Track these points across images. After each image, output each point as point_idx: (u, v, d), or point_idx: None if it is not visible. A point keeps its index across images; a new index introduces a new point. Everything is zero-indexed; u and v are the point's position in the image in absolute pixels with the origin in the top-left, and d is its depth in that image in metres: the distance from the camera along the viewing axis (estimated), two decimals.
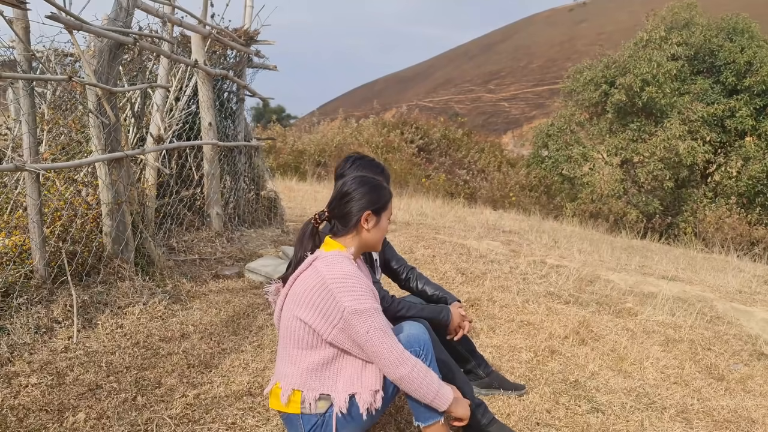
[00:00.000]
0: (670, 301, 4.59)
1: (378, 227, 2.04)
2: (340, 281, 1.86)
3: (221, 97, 5.81)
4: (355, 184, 2.03)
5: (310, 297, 1.88)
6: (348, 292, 1.85)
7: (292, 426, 1.96)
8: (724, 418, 2.78)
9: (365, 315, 1.84)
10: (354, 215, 2.00)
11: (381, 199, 2.04)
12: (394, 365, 1.83)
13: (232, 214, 5.64)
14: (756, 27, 15.07)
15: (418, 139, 19.52)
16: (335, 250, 1.99)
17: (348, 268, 1.91)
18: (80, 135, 4.20)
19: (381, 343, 1.83)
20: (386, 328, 1.86)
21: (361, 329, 1.83)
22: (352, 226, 2.01)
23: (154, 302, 3.40)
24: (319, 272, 1.89)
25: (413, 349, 1.95)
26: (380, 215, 2.04)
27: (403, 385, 1.86)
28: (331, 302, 1.85)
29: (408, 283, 2.77)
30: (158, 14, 4.21)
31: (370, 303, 1.86)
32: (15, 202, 3.67)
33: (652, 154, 14.29)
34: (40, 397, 2.33)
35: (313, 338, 1.89)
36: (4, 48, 3.62)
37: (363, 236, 2.03)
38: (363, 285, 1.89)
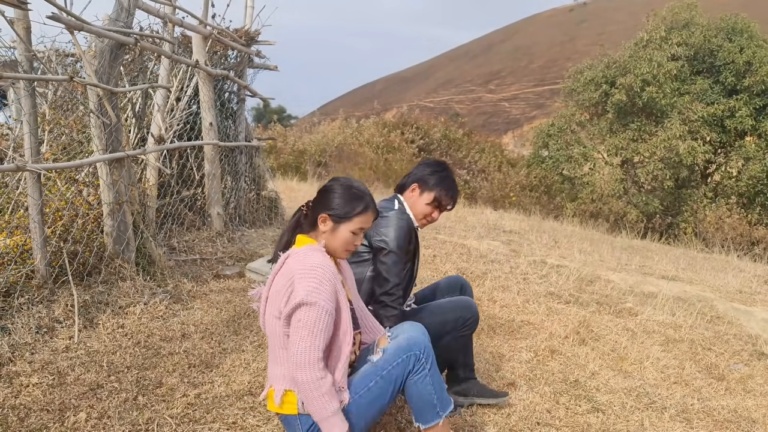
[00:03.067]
0: (671, 301, 4.60)
1: (334, 235, 1.98)
2: (304, 271, 1.84)
3: (222, 98, 5.81)
4: (337, 185, 2.03)
5: (282, 293, 1.87)
6: (306, 281, 1.82)
7: (290, 427, 1.96)
8: (724, 417, 2.78)
9: (308, 308, 1.79)
10: (316, 212, 2.01)
11: (345, 208, 1.98)
12: (299, 367, 1.78)
13: (232, 214, 5.65)
14: (755, 27, 15.07)
15: (418, 139, 19.52)
16: (307, 245, 1.98)
17: (318, 259, 1.88)
18: (81, 135, 4.21)
19: (302, 339, 1.78)
20: (318, 331, 1.80)
21: (298, 317, 1.80)
22: (312, 222, 2.02)
23: (155, 302, 3.40)
24: (291, 268, 1.88)
25: (413, 353, 1.93)
26: (339, 223, 1.98)
27: (299, 391, 1.82)
28: (292, 293, 1.83)
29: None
30: (159, 15, 4.22)
31: (318, 298, 1.80)
32: (16, 202, 3.67)
33: (652, 154, 14.29)
34: (42, 397, 2.33)
35: (284, 337, 1.89)
36: (6, 48, 3.63)
37: (324, 237, 2.00)
38: (325, 279, 1.84)
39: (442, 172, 2.60)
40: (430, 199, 2.56)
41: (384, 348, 1.99)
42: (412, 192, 2.59)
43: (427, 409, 1.97)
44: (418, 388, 1.95)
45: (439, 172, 2.59)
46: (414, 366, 1.94)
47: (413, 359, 1.94)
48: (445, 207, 2.60)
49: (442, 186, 2.57)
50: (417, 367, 1.94)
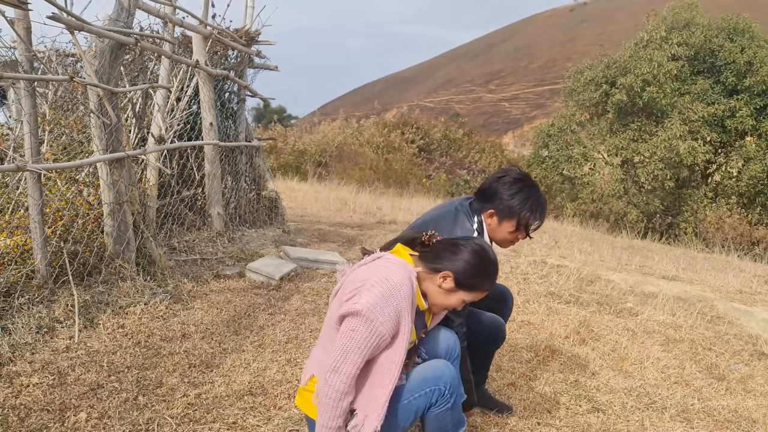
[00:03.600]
0: (671, 301, 4.60)
1: (447, 295, 1.89)
2: (379, 282, 1.76)
3: (222, 98, 5.81)
4: (470, 248, 1.89)
5: (351, 288, 1.80)
6: (374, 292, 1.73)
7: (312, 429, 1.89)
8: (724, 417, 2.78)
9: (363, 322, 1.72)
10: (442, 265, 1.88)
11: (474, 281, 1.88)
12: (332, 370, 1.73)
13: (233, 214, 5.65)
14: (756, 27, 15.06)
15: (418, 139, 19.55)
16: (403, 260, 1.87)
17: (399, 278, 1.78)
18: (82, 135, 4.21)
19: (344, 349, 1.72)
20: (362, 349, 1.73)
21: (351, 324, 1.73)
22: (432, 268, 1.89)
23: (155, 302, 3.40)
24: (373, 268, 1.82)
25: (438, 387, 1.86)
26: (459, 290, 1.88)
27: (320, 388, 1.78)
28: (359, 291, 1.76)
29: None
30: (159, 15, 4.22)
31: (377, 316, 1.72)
32: (17, 202, 3.67)
33: (652, 154, 14.29)
34: (42, 397, 2.33)
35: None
36: (6, 48, 3.63)
37: (430, 285, 1.90)
38: (393, 300, 1.74)
39: (522, 192, 2.26)
40: (512, 227, 2.28)
41: (409, 374, 1.93)
42: (490, 219, 2.31)
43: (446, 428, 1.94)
44: (438, 421, 1.92)
45: (519, 193, 2.26)
46: (437, 400, 1.88)
47: (437, 394, 1.87)
48: (535, 228, 2.31)
49: (523, 210, 2.25)
50: (440, 402, 1.88)
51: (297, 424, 2.31)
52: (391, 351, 1.79)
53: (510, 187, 2.27)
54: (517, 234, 2.30)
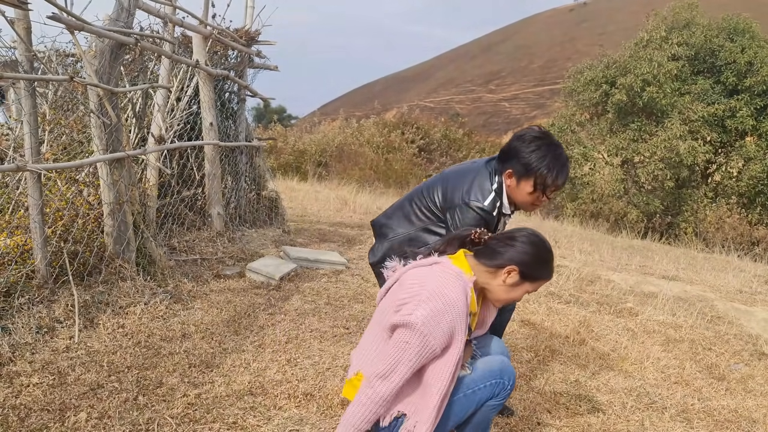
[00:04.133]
0: (671, 301, 4.60)
1: (512, 289, 1.89)
2: (435, 296, 1.74)
3: (222, 98, 5.81)
4: (526, 239, 1.89)
5: (404, 291, 1.79)
6: (430, 305, 1.72)
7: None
8: (724, 417, 2.78)
9: (416, 336, 1.70)
10: (502, 259, 1.87)
11: (538, 270, 1.89)
12: (378, 375, 1.73)
13: (233, 214, 5.65)
14: (757, 27, 15.06)
15: (418, 139, 19.54)
16: (461, 270, 1.85)
17: (455, 295, 1.76)
18: (82, 135, 4.21)
19: (394, 359, 1.72)
20: (411, 362, 1.73)
21: (405, 336, 1.72)
22: (493, 265, 1.88)
23: (155, 302, 3.40)
24: (430, 275, 1.81)
25: (503, 381, 1.86)
26: (523, 282, 1.88)
27: (362, 389, 1.77)
28: (414, 298, 1.75)
29: None
30: (159, 15, 4.22)
31: (430, 331, 1.71)
32: (17, 202, 3.67)
33: (652, 154, 14.29)
34: (42, 397, 2.33)
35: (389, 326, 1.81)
36: (6, 48, 3.63)
37: (493, 283, 1.90)
38: (448, 316, 1.73)
39: (539, 150, 2.19)
40: (530, 187, 2.22)
41: (472, 364, 1.92)
42: (509, 179, 2.27)
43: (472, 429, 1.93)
44: (485, 414, 1.90)
45: (536, 150, 2.19)
46: (498, 393, 1.88)
47: (500, 387, 1.87)
48: (553, 189, 2.23)
49: (540, 168, 2.18)
50: (500, 395, 1.88)
51: (297, 424, 2.31)
52: (442, 361, 1.78)
53: (528, 144, 2.21)
54: (537, 195, 2.24)
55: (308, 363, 2.87)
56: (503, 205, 2.31)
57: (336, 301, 3.92)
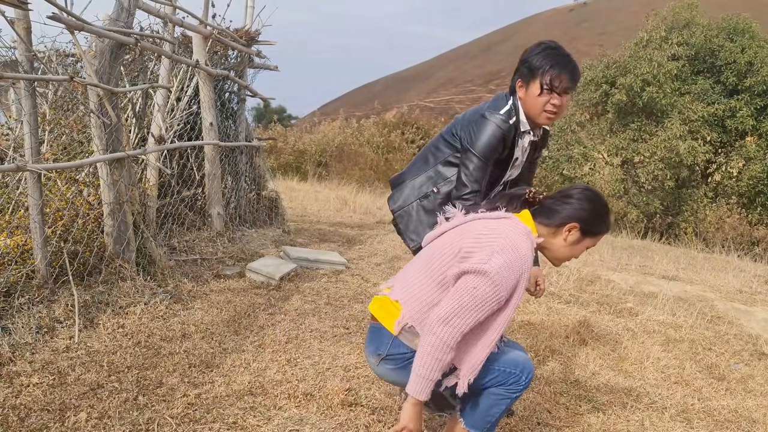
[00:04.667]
0: (671, 301, 4.59)
1: (573, 247, 1.88)
2: (507, 247, 1.72)
3: (222, 98, 5.81)
4: (583, 196, 1.88)
5: (473, 235, 1.77)
6: (502, 260, 1.70)
7: (377, 338, 1.88)
8: (724, 418, 2.78)
9: (486, 283, 1.68)
10: (561, 217, 1.87)
11: (596, 224, 1.88)
12: (441, 322, 1.69)
13: (233, 214, 5.65)
14: (757, 27, 15.04)
15: (418, 139, 19.53)
16: (529, 228, 1.84)
17: (526, 249, 1.76)
18: (82, 135, 4.21)
19: (460, 304, 1.69)
20: (478, 309, 1.70)
21: (474, 281, 1.69)
22: (553, 224, 1.88)
23: (155, 302, 3.40)
24: (501, 228, 1.78)
25: (518, 374, 1.85)
26: (584, 238, 1.88)
27: (425, 336, 1.72)
28: (483, 248, 1.72)
29: None
30: (159, 15, 4.22)
31: (501, 281, 1.69)
32: (17, 202, 3.67)
33: (652, 154, 14.28)
34: (42, 397, 2.33)
35: (447, 278, 1.78)
36: (6, 48, 3.63)
37: (554, 242, 1.89)
38: (517, 269, 1.72)
39: (544, 52, 2.21)
40: (538, 89, 2.20)
41: (501, 346, 1.92)
42: (522, 92, 2.27)
43: (481, 422, 1.91)
44: (492, 402, 1.88)
45: (541, 53, 2.21)
46: (509, 385, 1.87)
47: (513, 379, 1.86)
48: (561, 87, 2.18)
49: (543, 67, 2.18)
50: (511, 388, 1.87)
51: (297, 424, 2.31)
52: (498, 315, 1.78)
53: (535, 49, 2.24)
54: (546, 97, 2.20)
55: (308, 363, 2.87)
56: (520, 121, 2.29)
57: (336, 301, 3.92)
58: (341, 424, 2.34)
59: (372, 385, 2.69)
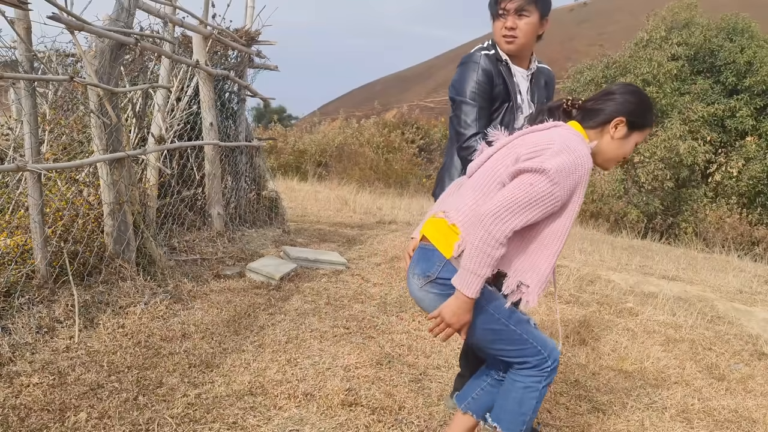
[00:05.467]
0: (671, 301, 4.59)
1: (622, 143, 1.81)
2: (568, 149, 1.66)
3: (222, 98, 5.81)
4: (625, 90, 1.83)
5: (529, 145, 1.71)
6: (563, 157, 1.64)
7: (427, 259, 1.80)
8: (724, 417, 2.78)
9: (545, 181, 1.61)
10: (606, 114, 1.81)
11: (644, 116, 1.81)
12: (491, 216, 1.60)
13: (233, 214, 5.65)
14: (756, 27, 15.05)
15: (418, 139, 19.54)
16: (581, 134, 1.79)
17: (585, 152, 1.69)
18: (82, 135, 4.21)
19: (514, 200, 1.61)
20: (534, 206, 1.62)
21: (531, 178, 1.62)
22: (598, 122, 1.81)
23: (155, 302, 3.40)
24: (556, 134, 1.72)
25: (546, 355, 1.80)
26: (632, 132, 1.81)
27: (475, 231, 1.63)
28: (541, 152, 1.67)
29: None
30: (159, 15, 4.22)
31: (561, 180, 1.62)
32: (17, 202, 3.67)
33: (652, 154, 14.28)
34: (42, 397, 2.33)
35: (500, 183, 1.72)
36: (6, 48, 3.63)
37: (602, 142, 1.81)
38: (578, 170, 1.64)
39: None
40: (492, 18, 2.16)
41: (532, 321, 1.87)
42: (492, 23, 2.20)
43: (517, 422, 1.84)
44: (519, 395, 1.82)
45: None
46: (536, 365, 1.80)
47: (538, 359, 1.80)
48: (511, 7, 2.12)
49: None
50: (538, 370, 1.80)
51: (297, 424, 2.31)
52: (558, 220, 1.70)
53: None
54: (500, 22, 2.15)
55: (308, 363, 2.87)
56: (498, 53, 2.20)
57: (336, 301, 3.92)
58: (341, 424, 2.34)
59: (372, 385, 2.69)
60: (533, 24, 2.14)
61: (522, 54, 2.23)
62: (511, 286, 1.73)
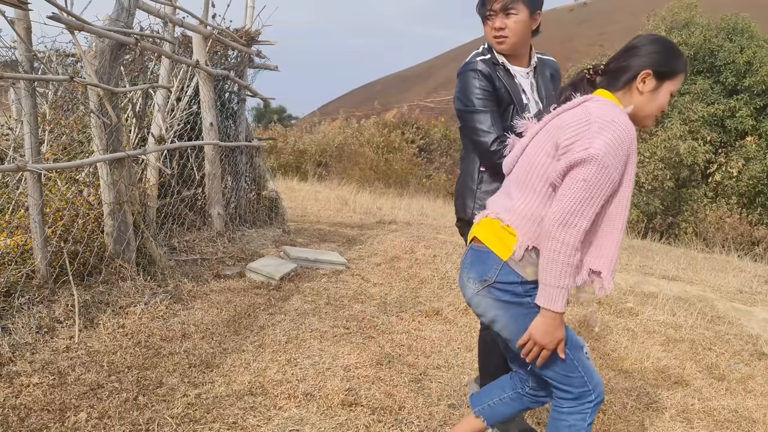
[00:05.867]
0: (671, 301, 4.59)
1: (654, 96, 1.70)
2: (605, 124, 1.57)
3: (222, 98, 5.81)
4: (646, 41, 1.73)
5: (567, 129, 1.62)
6: (604, 138, 1.55)
7: (482, 262, 1.73)
8: (724, 417, 2.78)
9: (595, 167, 1.54)
10: (632, 71, 1.70)
11: (671, 63, 1.70)
12: (559, 224, 1.55)
13: (233, 214, 5.65)
14: (756, 27, 15.05)
15: (418, 139, 19.54)
16: (610, 100, 1.70)
17: (623, 118, 1.61)
18: (82, 135, 4.21)
19: (575, 199, 1.55)
20: (596, 197, 1.56)
21: (582, 173, 1.55)
22: (624, 81, 1.72)
23: (155, 302, 3.40)
24: (589, 110, 1.63)
25: (590, 389, 1.72)
26: (662, 82, 1.70)
27: (544, 247, 1.58)
28: (582, 136, 1.58)
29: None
30: (159, 15, 4.22)
31: (611, 161, 1.55)
32: (17, 202, 3.68)
33: (652, 154, 14.29)
34: (42, 397, 2.33)
35: (553, 183, 1.65)
36: (6, 48, 3.63)
37: (634, 100, 1.71)
38: (624, 141, 1.57)
39: None
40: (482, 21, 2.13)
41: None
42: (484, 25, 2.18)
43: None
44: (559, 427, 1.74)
45: None
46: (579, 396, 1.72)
47: (584, 390, 1.73)
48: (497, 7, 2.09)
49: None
50: (577, 403, 1.73)
51: (297, 424, 2.31)
52: (617, 197, 1.64)
53: None
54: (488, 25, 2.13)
55: (308, 363, 2.88)
56: (494, 56, 2.17)
57: (336, 301, 3.92)
58: (341, 424, 2.34)
59: (372, 385, 2.69)
60: (522, 21, 2.10)
61: (518, 52, 2.20)
62: (583, 276, 1.67)
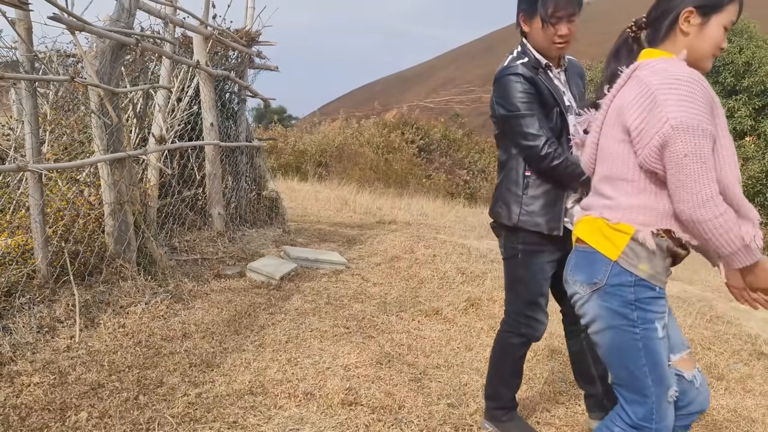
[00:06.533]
0: (670, 301, 4.59)
1: (703, 33, 1.56)
2: (668, 86, 1.46)
3: (223, 98, 5.82)
4: None
5: (630, 110, 1.52)
6: (676, 100, 1.44)
7: (588, 264, 1.62)
8: (723, 417, 2.79)
9: (689, 135, 1.42)
10: (671, 13, 1.57)
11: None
12: (698, 206, 1.42)
13: (233, 214, 5.66)
14: (755, 27, 15.07)
15: (418, 139, 19.53)
16: (661, 57, 1.58)
17: (684, 70, 1.49)
18: (82, 135, 4.22)
19: (693, 175, 1.42)
20: (707, 160, 1.43)
21: (678, 149, 1.42)
22: (666, 28, 1.59)
23: (156, 302, 3.41)
24: (642, 81, 1.51)
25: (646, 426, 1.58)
26: (709, 17, 1.55)
27: (697, 230, 1.46)
28: (652, 113, 1.47)
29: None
30: (160, 15, 4.23)
31: (699, 120, 1.43)
32: (18, 202, 3.68)
33: None
34: (43, 396, 2.34)
35: (633, 163, 1.55)
36: (7, 49, 3.64)
37: (684, 43, 1.57)
38: (699, 93, 1.45)
39: None
40: (540, 22, 2.11)
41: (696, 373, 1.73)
42: (524, 24, 2.18)
43: None
44: None
45: None
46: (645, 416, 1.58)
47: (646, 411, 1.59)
48: (564, 15, 2.09)
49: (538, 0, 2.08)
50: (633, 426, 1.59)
51: (297, 423, 2.32)
52: (719, 144, 1.51)
53: None
54: (548, 29, 2.10)
55: (308, 362, 2.88)
56: (535, 60, 2.18)
57: (336, 301, 3.93)
58: (341, 423, 2.35)
59: (372, 384, 2.70)
60: (577, 25, 2.18)
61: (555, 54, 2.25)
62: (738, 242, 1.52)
